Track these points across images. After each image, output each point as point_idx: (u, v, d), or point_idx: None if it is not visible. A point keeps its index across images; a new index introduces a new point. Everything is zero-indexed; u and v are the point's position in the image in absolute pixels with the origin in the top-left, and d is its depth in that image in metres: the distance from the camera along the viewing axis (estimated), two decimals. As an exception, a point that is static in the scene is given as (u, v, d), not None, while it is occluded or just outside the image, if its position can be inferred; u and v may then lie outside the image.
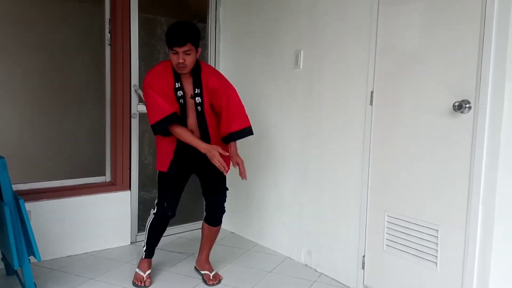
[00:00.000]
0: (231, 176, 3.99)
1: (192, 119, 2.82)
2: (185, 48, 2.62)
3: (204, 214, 3.09)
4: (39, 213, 3.19)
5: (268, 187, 3.67)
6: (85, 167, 3.99)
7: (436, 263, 2.44)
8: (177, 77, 2.76)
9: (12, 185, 2.61)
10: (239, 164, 2.88)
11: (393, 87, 2.66)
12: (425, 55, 2.48)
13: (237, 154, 2.93)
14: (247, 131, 2.88)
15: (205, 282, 3.03)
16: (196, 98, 2.79)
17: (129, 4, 3.54)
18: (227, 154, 2.75)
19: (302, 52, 3.28)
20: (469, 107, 2.24)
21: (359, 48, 2.85)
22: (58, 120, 4.44)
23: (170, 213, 2.91)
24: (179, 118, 2.72)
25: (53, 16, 4.32)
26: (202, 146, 2.71)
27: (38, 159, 4.25)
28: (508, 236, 2.20)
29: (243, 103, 2.89)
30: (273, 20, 3.54)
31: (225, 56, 4.06)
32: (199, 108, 2.80)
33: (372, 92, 2.77)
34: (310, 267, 3.28)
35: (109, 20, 3.54)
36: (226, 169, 2.74)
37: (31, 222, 2.63)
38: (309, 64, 3.24)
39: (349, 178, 2.96)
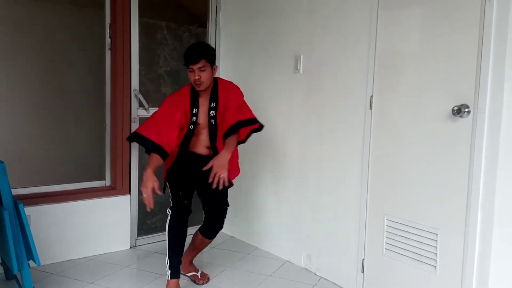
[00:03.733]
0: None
1: (204, 135, 2.88)
2: (199, 65, 2.72)
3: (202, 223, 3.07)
4: (38, 217, 3.19)
5: (268, 191, 3.67)
6: (85, 171, 4.00)
7: (436, 266, 2.44)
8: (195, 102, 2.83)
9: (12, 190, 2.61)
10: (213, 169, 2.72)
11: (393, 91, 2.66)
12: (424, 59, 2.48)
13: (219, 159, 2.75)
14: (254, 122, 2.90)
15: (194, 282, 3.07)
16: (211, 112, 2.86)
17: (129, 8, 3.54)
18: (159, 193, 2.67)
19: (301, 56, 3.29)
20: (468, 111, 2.25)
21: (359, 53, 2.86)
22: (58, 124, 4.45)
23: (187, 202, 2.85)
24: (159, 151, 2.70)
25: (53, 21, 4.34)
26: (146, 171, 2.65)
27: (38, 164, 4.26)
28: (508, 240, 2.20)
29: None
30: (273, 24, 3.55)
31: (225, 61, 4.07)
32: (212, 121, 2.86)
33: (371, 96, 2.77)
34: (310, 271, 3.28)
35: (110, 25, 3.55)
36: (150, 206, 2.61)
37: (30, 227, 2.63)
38: (309, 68, 3.25)
39: (348, 182, 2.96)
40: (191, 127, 2.84)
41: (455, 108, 2.27)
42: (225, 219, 3.04)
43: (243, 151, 3.81)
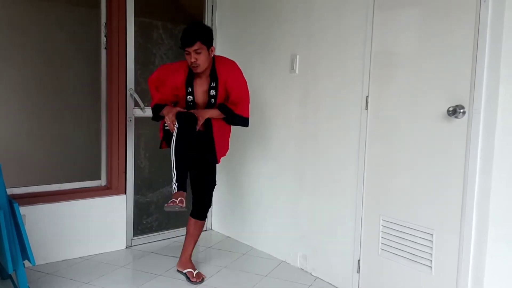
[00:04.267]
0: (228, 181, 4.00)
1: None
2: (194, 47, 2.75)
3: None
4: (34, 217, 3.18)
5: (263, 191, 3.67)
6: (81, 171, 3.98)
7: (431, 267, 2.44)
8: (190, 81, 2.91)
9: (7, 189, 2.60)
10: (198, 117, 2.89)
11: (388, 91, 2.67)
12: (419, 60, 2.49)
13: (202, 111, 2.93)
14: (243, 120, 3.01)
15: (188, 279, 3.06)
16: (211, 91, 2.91)
17: (125, 8, 3.54)
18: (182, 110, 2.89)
19: (298, 56, 3.29)
20: (464, 112, 2.25)
21: (355, 53, 2.86)
22: (54, 124, 4.43)
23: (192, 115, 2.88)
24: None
25: (49, 20, 4.32)
26: (165, 108, 2.90)
27: (33, 163, 4.23)
28: (503, 240, 2.21)
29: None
30: (270, 24, 3.55)
31: (221, 60, 4.06)
32: (212, 100, 2.92)
33: (367, 96, 2.78)
34: (306, 271, 3.28)
35: (105, 24, 3.54)
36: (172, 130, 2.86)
37: (25, 226, 2.62)
38: (305, 68, 3.25)
39: (344, 182, 2.96)
40: (190, 104, 2.93)
41: (451, 109, 2.28)
42: (212, 197, 3.16)
43: (239, 151, 3.82)
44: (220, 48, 4.08)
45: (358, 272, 2.89)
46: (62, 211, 3.34)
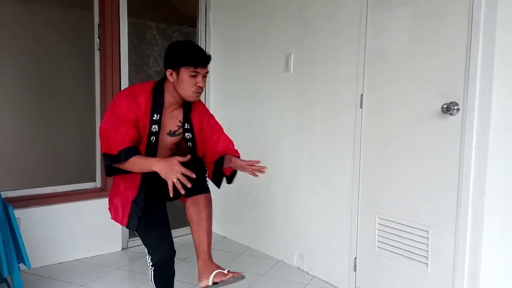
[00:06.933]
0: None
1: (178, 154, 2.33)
2: (206, 70, 2.16)
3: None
4: (28, 220, 3.16)
5: (259, 190, 3.66)
6: (75, 173, 3.96)
7: (427, 264, 2.45)
8: (156, 108, 2.19)
9: (1, 192, 2.59)
10: (248, 165, 2.33)
11: (383, 90, 2.67)
12: (413, 58, 2.50)
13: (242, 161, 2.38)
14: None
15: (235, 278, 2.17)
16: (186, 134, 2.33)
17: (118, 9, 3.53)
18: (187, 158, 2.06)
19: (292, 56, 3.29)
20: (458, 109, 2.26)
21: (349, 52, 2.86)
22: (48, 126, 4.41)
23: (170, 252, 2.31)
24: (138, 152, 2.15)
25: (42, 22, 4.30)
26: (155, 162, 2.06)
27: (27, 166, 4.21)
28: (498, 236, 2.22)
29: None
30: (264, 24, 3.55)
31: (216, 61, 4.05)
32: (189, 144, 2.36)
33: (362, 95, 2.78)
34: (303, 270, 3.28)
35: (98, 25, 3.53)
36: (185, 187, 1.98)
37: (20, 229, 2.61)
38: (299, 67, 3.25)
39: (340, 181, 2.97)
40: (153, 138, 2.20)
41: (445, 106, 2.28)
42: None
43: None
44: (214, 49, 4.08)
45: (355, 270, 2.89)
46: (57, 214, 3.32)
